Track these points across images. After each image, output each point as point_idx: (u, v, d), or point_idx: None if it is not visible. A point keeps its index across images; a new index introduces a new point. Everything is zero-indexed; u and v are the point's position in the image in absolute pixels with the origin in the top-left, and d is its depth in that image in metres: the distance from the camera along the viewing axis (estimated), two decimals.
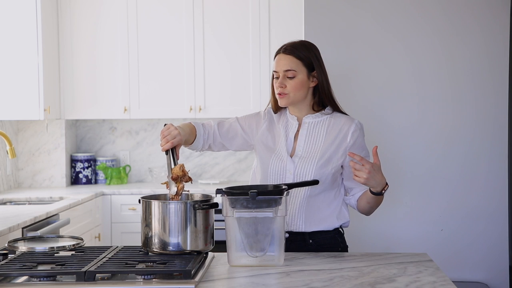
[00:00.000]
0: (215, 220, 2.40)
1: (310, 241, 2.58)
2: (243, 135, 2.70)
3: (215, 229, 2.41)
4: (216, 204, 2.32)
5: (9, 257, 2.28)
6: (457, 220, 3.56)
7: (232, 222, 2.29)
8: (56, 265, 2.14)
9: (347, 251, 2.65)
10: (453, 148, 3.56)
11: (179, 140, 2.43)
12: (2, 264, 2.16)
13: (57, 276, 2.07)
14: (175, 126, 2.46)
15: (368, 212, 2.62)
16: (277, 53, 2.61)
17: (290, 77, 2.55)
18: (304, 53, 2.57)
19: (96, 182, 5.35)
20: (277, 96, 2.59)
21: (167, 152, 2.42)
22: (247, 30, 5.03)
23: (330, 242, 2.60)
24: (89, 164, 5.28)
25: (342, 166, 2.59)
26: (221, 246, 2.44)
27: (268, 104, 2.74)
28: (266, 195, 2.28)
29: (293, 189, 2.52)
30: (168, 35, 5.07)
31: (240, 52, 5.04)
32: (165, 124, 2.48)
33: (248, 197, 2.25)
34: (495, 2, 3.52)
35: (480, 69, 3.54)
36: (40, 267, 2.14)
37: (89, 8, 5.07)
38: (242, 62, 5.04)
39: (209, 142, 2.68)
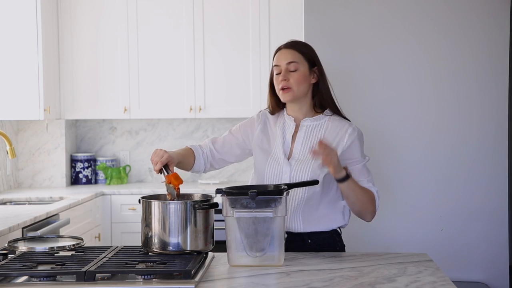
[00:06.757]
0: (215, 220, 2.41)
1: (309, 241, 2.59)
2: (239, 144, 2.71)
3: (215, 229, 2.41)
4: (216, 204, 2.33)
5: (9, 257, 2.28)
6: (457, 220, 3.57)
7: (232, 222, 2.29)
8: (56, 265, 2.14)
9: (344, 250, 2.66)
10: (453, 148, 3.56)
11: (167, 157, 2.44)
12: (2, 264, 2.16)
13: (57, 276, 2.07)
14: (161, 149, 2.48)
15: (356, 210, 2.58)
16: (278, 49, 2.63)
17: (292, 70, 2.57)
18: (305, 49, 2.62)
19: (96, 182, 5.35)
20: (279, 92, 2.58)
21: (160, 171, 2.44)
22: (247, 29, 5.03)
23: (329, 242, 2.61)
24: (89, 164, 5.29)
25: None
26: (221, 246, 2.44)
27: (266, 108, 2.73)
28: (266, 195, 2.28)
29: (291, 192, 2.52)
30: (168, 34, 5.06)
31: (240, 51, 5.04)
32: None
33: (248, 197, 2.26)
34: (494, 2, 3.52)
35: (480, 69, 3.53)
36: (40, 267, 2.14)
37: (89, 8, 5.07)
38: (242, 61, 5.04)
39: (209, 160, 2.71)
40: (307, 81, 2.59)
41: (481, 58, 3.53)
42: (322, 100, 2.63)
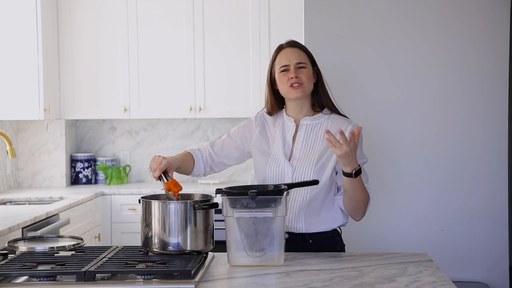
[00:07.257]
0: (215, 220, 2.41)
1: (310, 241, 2.59)
2: (238, 147, 2.71)
3: (215, 229, 2.41)
4: (216, 204, 2.33)
5: (9, 257, 2.28)
6: (457, 220, 3.56)
7: (232, 222, 2.29)
8: (56, 265, 2.14)
9: (344, 250, 2.66)
10: (454, 148, 3.55)
11: (166, 164, 2.44)
12: (2, 264, 2.16)
13: (57, 276, 2.07)
14: (160, 155, 2.48)
15: (349, 207, 2.54)
16: (281, 48, 2.64)
17: (301, 68, 2.58)
18: (306, 49, 2.66)
19: (96, 182, 5.35)
20: (289, 89, 2.57)
21: (159, 178, 2.44)
22: (247, 29, 5.03)
23: (330, 241, 2.61)
24: (89, 164, 5.28)
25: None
26: (221, 246, 2.44)
27: (263, 109, 2.73)
28: (266, 195, 2.28)
29: (293, 192, 2.52)
30: (168, 34, 5.06)
31: (241, 51, 5.04)
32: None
33: (248, 197, 2.25)
34: (495, 2, 3.51)
35: (480, 70, 3.53)
36: (40, 267, 2.14)
37: (89, 8, 5.06)
38: (243, 61, 5.04)
39: (209, 164, 2.71)
40: (312, 79, 2.62)
41: (482, 58, 3.52)
42: (321, 99, 2.64)
